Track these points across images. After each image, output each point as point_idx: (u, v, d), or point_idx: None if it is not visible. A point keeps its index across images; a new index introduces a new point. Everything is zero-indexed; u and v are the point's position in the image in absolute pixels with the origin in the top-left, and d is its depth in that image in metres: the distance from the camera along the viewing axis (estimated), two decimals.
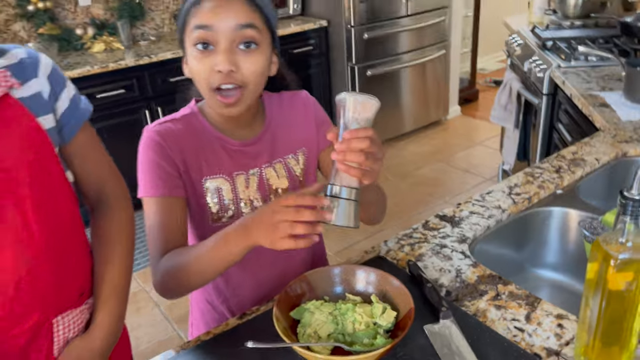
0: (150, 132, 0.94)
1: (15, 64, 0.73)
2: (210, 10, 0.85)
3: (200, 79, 0.88)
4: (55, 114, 0.77)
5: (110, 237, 0.83)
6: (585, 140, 1.50)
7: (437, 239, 1.10)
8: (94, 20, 3.27)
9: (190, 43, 0.88)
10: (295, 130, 1.03)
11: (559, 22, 2.72)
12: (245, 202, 0.98)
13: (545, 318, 0.87)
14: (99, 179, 0.85)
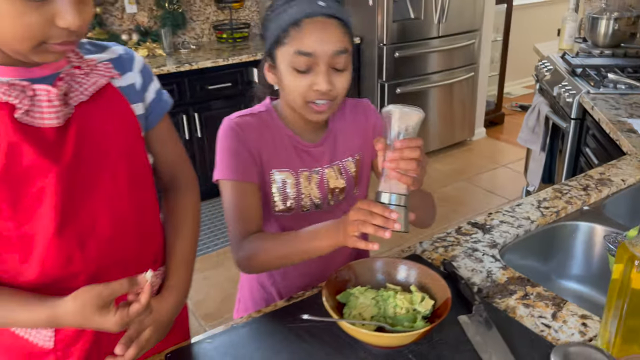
0: (230, 122, 1.04)
1: (115, 58, 0.84)
2: (312, 38, 0.93)
3: (296, 93, 0.97)
4: (144, 103, 0.87)
5: (180, 214, 0.93)
6: (613, 163, 1.57)
7: (469, 243, 1.18)
8: (138, 27, 3.43)
9: (287, 62, 0.96)
10: (354, 135, 1.12)
11: (589, 50, 2.79)
12: (305, 196, 1.08)
13: (570, 317, 0.94)
14: (173, 163, 0.95)
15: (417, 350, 0.87)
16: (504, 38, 4.48)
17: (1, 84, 0.69)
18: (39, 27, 0.64)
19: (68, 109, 0.74)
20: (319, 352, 0.87)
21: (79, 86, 0.76)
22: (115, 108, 0.80)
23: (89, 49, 0.83)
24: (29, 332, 0.80)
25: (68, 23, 0.65)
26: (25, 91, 0.70)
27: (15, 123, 0.70)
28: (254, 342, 0.90)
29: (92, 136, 0.76)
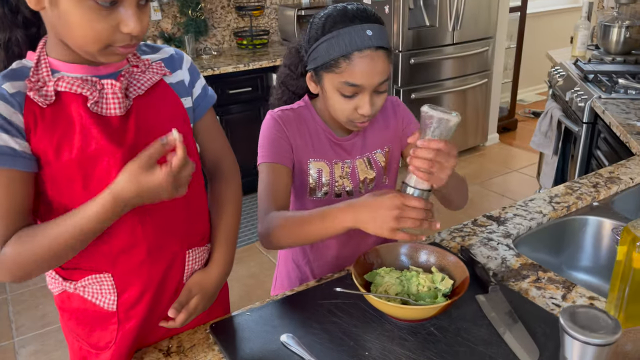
0: (273, 114, 1.16)
1: (167, 58, 0.95)
2: (361, 71, 1.01)
3: (339, 113, 1.08)
4: (192, 97, 0.98)
5: (224, 198, 1.03)
6: (622, 162, 1.65)
7: (484, 234, 1.26)
8: (163, 33, 3.56)
9: (334, 86, 1.05)
10: (383, 129, 1.22)
11: (600, 57, 2.87)
12: (338, 184, 1.18)
13: (579, 298, 1.02)
14: (218, 152, 1.05)
15: (438, 324, 0.95)
16: (518, 45, 4.56)
17: (76, 79, 0.81)
18: (106, 33, 0.76)
19: (128, 101, 0.85)
20: (348, 324, 0.96)
21: (137, 82, 0.87)
22: (167, 101, 0.91)
23: (144, 50, 0.94)
24: (95, 297, 0.90)
25: (130, 29, 0.76)
26: (95, 85, 0.82)
27: (88, 111, 0.81)
28: (288, 316, 0.99)
29: (148, 125, 0.87)
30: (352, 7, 1.04)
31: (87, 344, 0.95)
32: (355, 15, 1.03)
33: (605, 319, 0.67)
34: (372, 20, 1.03)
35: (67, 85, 0.80)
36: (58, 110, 0.80)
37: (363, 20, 1.02)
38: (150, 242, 0.88)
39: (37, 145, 0.79)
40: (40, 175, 0.81)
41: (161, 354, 0.92)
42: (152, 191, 0.77)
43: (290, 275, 1.32)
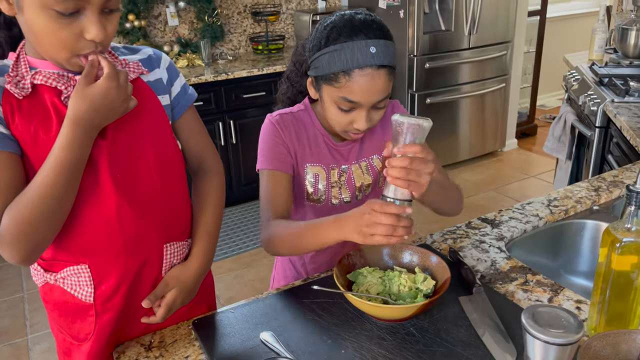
0: (271, 119, 1.16)
1: (145, 58, 0.99)
2: (360, 89, 1.00)
3: (336, 124, 1.08)
4: (170, 95, 1.01)
5: (206, 194, 1.05)
6: (627, 166, 1.61)
7: (477, 236, 1.25)
8: (179, 39, 3.63)
9: (331, 99, 1.04)
10: (381, 134, 1.21)
11: (618, 61, 2.81)
12: (334, 190, 1.18)
13: (565, 301, 1.01)
14: (200, 150, 1.08)
15: (418, 324, 0.95)
16: (537, 50, 4.50)
17: (52, 73, 0.85)
18: (70, 41, 0.80)
19: None
20: (328, 323, 0.96)
21: None
22: (143, 98, 0.94)
23: (123, 52, 0.98)
24: (74, 289, 0.93)
25: (93, 36, 0.80)
26: (70, 80, 0.85)
27: (62, 104, 0.85)
28: (271, 314, 1.00)
29: (124, 120, 0.89)
30: (360, 17, 1.01)
31: (69, 335, 0.97)
32: (361, 28, 0.99)
33: (568, 318, 0.66)
34: (378, 35, 1.00)
35: (43, 79, 0.84)
36: (34, 102, 0.84)
37: (369, 34, 0.99)
38: (127, 233, 0.91)
39: (15, 134, 0.83)
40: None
41: (142, 348, 0.94)
42: (104, 101, 0.81)
43: (287, 275, 1.33)
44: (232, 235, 3.26)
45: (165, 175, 0.95)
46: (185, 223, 1.03)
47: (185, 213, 1.03)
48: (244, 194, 3.58)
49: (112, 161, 0.87)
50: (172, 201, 0.98)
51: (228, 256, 3.04)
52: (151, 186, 0.93)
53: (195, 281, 1.00)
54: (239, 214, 3.50)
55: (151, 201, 0.93)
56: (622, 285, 0.85)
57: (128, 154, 0.90)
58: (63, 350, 1.00)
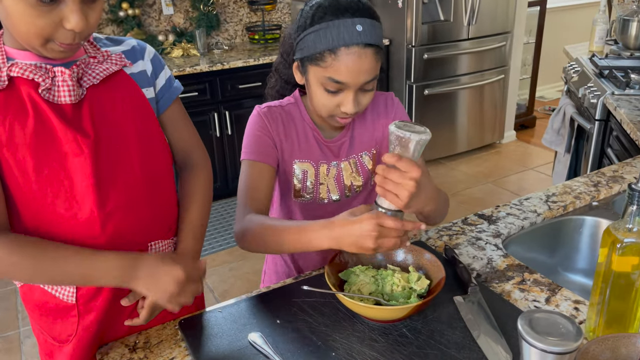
0: (259, 110, 1.12)
1: (129, 50, 0.95)
2: (347, 69, 0.97)
3: (322, 108, 1.04)
4: (155, 88, 0.97)
5: (193, 190, 1.01)
6: (628, 161, 1.58)
7: (473, 233, 1.22)
8: (174, 28, 3.57)
9: (317, 80, 1.01)
10: (371, 130, 1.17)
11: (618, 52, 2.77)
12: (323, 187, 1.15)
13: (563, 302, 0.98)
14: (186, 145, 1.04)
15: (411, 325, 0.92)
16: (537, 41, 4.45)
17: (29, 65, 0.81)
18: (49, 29, 0.76)
19: (81, 90, 0.84)
20: (319, 323, 0.93)
21: (92, 72, 0.87)
22: (126, 91, 0.90)
23: (106, 43, 0.94)
24: (55, 289, 0.90)
25: (72, 25, 0.76)
26: (47, 72, 0.82)
27: (41, 97, 0.81)
28: (259, 314, 0.97)
29: (105, 114, 0.86)
30: None
31: (50, 337, 0.94)
32: (347, 8, 0.97)
33: (567, 324, 0.63)
34: (365, 14, 0.98)
35: (19, 71, 0.80)
36: (10, 95, 0.80)
37: (355, 13, 0.97)
38: (109, 233, 0.87)
39: None
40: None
41: (127, 349, 0.91)
42: None
43: (278, 270, 1.30)
44: (227, 227, 3.23)
45: (150, 171, 0.92)
46: (172, 219, 0.99)
47: (171, 210, 0.99)
48: None
49: (94, 158, 0.84)
50: (157, 198, 0.94)
51: (223, 248, 3.02)
52: (135, 183, 0.89)
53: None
54: (234, 206, 3.47)
55: (135, 198, 0.89)
56: (622, 286, 0.82)
57: (111, 151, 0.86)
58: (45, 352, 0.97)
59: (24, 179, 0.81)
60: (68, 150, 0.82)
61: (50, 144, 0.81)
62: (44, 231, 0.85)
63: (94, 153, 0.83)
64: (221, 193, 3.51)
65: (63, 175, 0.82)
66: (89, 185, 0.83)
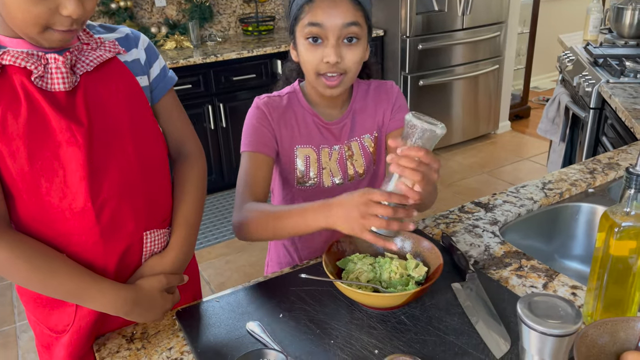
0: (258, 102, 1.14)
1: (122, 37, 0.94)
2: (322, 10, 1.00)
3: (309, 66, 1.05)
4: (149, 77, 0.96)
5: (186, 181, 1.00)
6: (623, 148, 1.58)
7: (470, 220, 1.22)
8: (167, 20, 3.55)
9: (301, 36, 1.04)
10: (373, 114, 1.18)
11: (613, 41, 2.77)
12: (326, 171, 1.15)
13: (561, 287, 0.98)
14: (180, 135, 1.03)
15: (409, 312, 0.92)
16: (531, 31, 4.45)
17: (21, 53, 0.80)
18: (45, 15, 0.75)
19: (75, 77, 0.83)
20: (317, 312, 0.93)
21: (85, 59, 0.85)
22: (121, 79, 0.89)
23: (99, 30, 0.93)
24: None
25: (70, 12, 0.75)
26: (40, 60, 0.80)
27: (34, 85, 0.80)
28: (257, 303, 0.97)
29: (100, 101, 0.85)
30: None
31: (46, 328, 0.94)
32: None
33: (566, 307, 0.63)
34: None
35: (11, 59, 0.78)
36: (2, 84, 0.79)
37: None
38: (104, 222, 0.86)
39: None
40: None
41: (124, 339, 0.91)
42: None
43: (281, 261, 1.30)
44: (223, 220, 3.22)
45: (144, 160, 0.91)
46: (167, 210, 0.98)
47: (166, 199, 0.98)
48: (235, 178, 3.52)
49: (88, 147, 0.83)
50: (152, 187, 0.93)
51: (219, 241, 3.01)
52: (129, 172, 0.88)
53: (173, 270, 0.95)
54: (230, 199, 3.46)
55: (130, 188, 0.88)
56: (620, 271, 0.83)
57: (105, 139, 0.85)
58: (42, 344, 0.96)
59: (17, 170, 0.80)
60: (62, 140, 0.80)
61: (44, 133, 0.80)
62: (38, 222, 0.84)
63: (88, 142, 0.82)
64: (216, 186, 3.50)
65: (57, 164, 0.81)
66: (82, 174, 0.82)
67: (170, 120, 1.02)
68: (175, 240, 0.97)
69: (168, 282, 0.93)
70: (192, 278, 1.07)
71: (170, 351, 0.88)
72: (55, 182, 0.82)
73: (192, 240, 0.99)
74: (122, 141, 0.87)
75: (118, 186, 0.86)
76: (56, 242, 0.85)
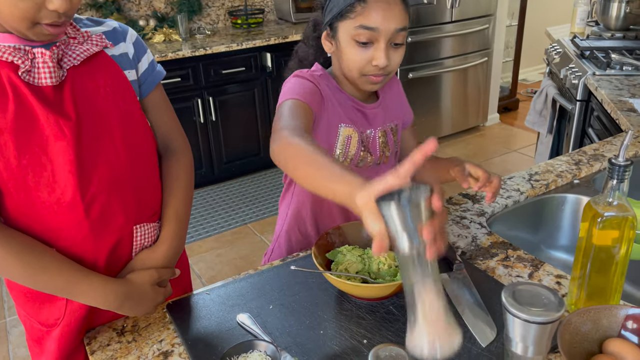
0: (302, 74, 1.08)
1: (110, 31, 0.94)
2: (378, 14, 0.98)
3: (353, 65, 1.04)
4: (137, 71, 0.96)
5: (174, 175, 1.01)
6: (608, 139, 1.61)
7: (458, 212, 1.24)
8: (155, 13, 3.52)
9: (348, 34, 1.01)
10: (395, 104, 1.21)
11: (599, 33, 2.80)
12: (363, 152, 1.14)
13: (546, 276, 1.00)
14: (167, 130, 1.03)
15: (398, 302, 0.93)
16: (519, 23, 4.47)
17: (8, 47, 0.80)
18: (32, 10, 0.75)
19: (62, 71, 0.83)
20: (307, 302, 0.94)
21: (72, 52, 0.85)
22: (108, 73, 0.89)
23: (86, 23, 0.93)
24: None
25: (56, 6, 0.75)
26: (27, 54, 0.80)
27: (21, 80, 0.80)
28: (248, 295, 0.98)
29: (87, 96, 0.85)
30: None
31: (37, 322, 0.94)
32: None
33: (549, 295, 0.65)
34: None
35: None
36: None
37: None
38: (93, 216, 0.87)
39: None
40: None
41: (115, 333, 0.91)
42: None
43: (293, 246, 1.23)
44: (214, 213, 3.22)
45: (133, 154, 0.91)
46: (157, 204, 0.99)
47: (156, 193, 0.99)
48: (225, 172, 3.54)
49: (76, 141, 0.83)
50: (141, 181, 0.94)
51: (210, 235, 3.01)
52: (118, 166, 0.89)
53: (164, 263, 0.96)
54: (220, 193, 3.46)
55: (119, 182, 0.89)
56: (603, 260, 0.84)
57: (93, 133, 0.85)
58: (33, 338, 0.97)
59: (5, 164, 0.80)
60: (50, 134, 0.81)
61: (31, 128, 0.80)
62: (27, 216, 0.84)
63: (76, 136, 0.82)
64: (206, 179, 3.50)
65: (45, 159, 0.81)
66: (71, 168, 0.82)
67: (158, 114, 1.02)
68: (165, 234, 0.97)
69: (159, 275, 0.94)
70: (183, 272, 1.08)
71: (161, 343, 0.88)
72: (43, 176, 0.82)
73: (183, 233, 1.00)
74: (110, 135, 0.87)
75: (107, 180, 0.87)
76: (46, 237, 0.86)
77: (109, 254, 0.91)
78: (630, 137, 0.79)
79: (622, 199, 0.80)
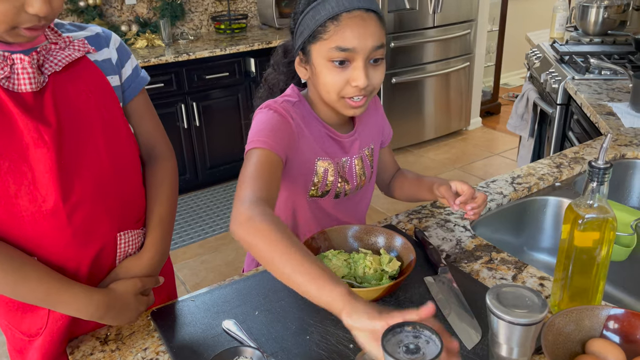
0: (275, 105, 1.01)
1: (92, 36, 0.93)
2: (352, 34, 0.92)
3: (331, 88, 0.97)
4: (120, 77, 0.95)
5: (158, 181, 1.00)
6: (588, 143, 1.63)
7: (442, 215, 1.24)
8: (138, 18, 3.50)
9: (323, 57, 0.95)
10: (370, 127, 1.16)
11: (578, 38, 2.85)
12: (340, 184, 1.09)
13: (529, 278, 1.01)
14: (151, 136, 1.03)
15: (384, 306, 0.93)
16: (500, 28, 4.53)
17: None
18: (11, 14, 0.74)
19: (42, 77, 0.82)
20: (295, 308, 0.94)
21: (53, 58, 0.84)
22: (90, 78, 0.88)
23: (69, 28, 0.92)
24: None
25: (36, 10, 0.74)
26: (6, 60, 0.79)
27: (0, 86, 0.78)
28: (233, 301, 0.97)
29: (69, 102, 0.84)
30: None
31: (19, 331, 0.92)
32: None
33: (532, 297, 0.66)
34: None
35: None
36: None
37: None
38: (75, 224, 0.86)
39: None
40: None
41: (98, 342, 0.90)
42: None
43: None
44: (198, 219, 3.20)
45: (116, 160, 0.90)
46: (141, 210, 0.98)
47: (139, 199, 0.98)
48: (209, 177, 3.52)
49: (57, 148, 0.82)
50: (124, 187, 0.93)
51: (194, 241, 2.99)
52: (101, 172, 0.88)
53: (149, 271, 0.95)
54: (204, 198, 3.44)
55: (102, 188, 0.88)
56: (584, 261, 0.86)
57: (75, 140, 0.84)
58: (15, 348, 0.95)
59: None
60: (29, 141, 0.79)
61: (10, 135, 0.79)
62: (7, 224, 0.82)
63: (57, 143, 0.81)
64: (190, 185, 3.48)
65: (25, 167, 0.80)
66: (52, 175, 0.81)
67: (142, 121, 1.01)
68: (150, 241, 0.96)
69: (143, 284, 0.93)
70: (167, 278, 1.07)
71: (145, 352, 0.87)
72: (23, 183, 0.81)
73: (168, 240, 0.99)
74: (93, 141, 0.87)
75: (90, 187, 0.86)
76: (27, 245, 0.84)
77: (92, 262, 0.90)
78: (609, 140, 0.81)
79: (603, 201, 0.81)
